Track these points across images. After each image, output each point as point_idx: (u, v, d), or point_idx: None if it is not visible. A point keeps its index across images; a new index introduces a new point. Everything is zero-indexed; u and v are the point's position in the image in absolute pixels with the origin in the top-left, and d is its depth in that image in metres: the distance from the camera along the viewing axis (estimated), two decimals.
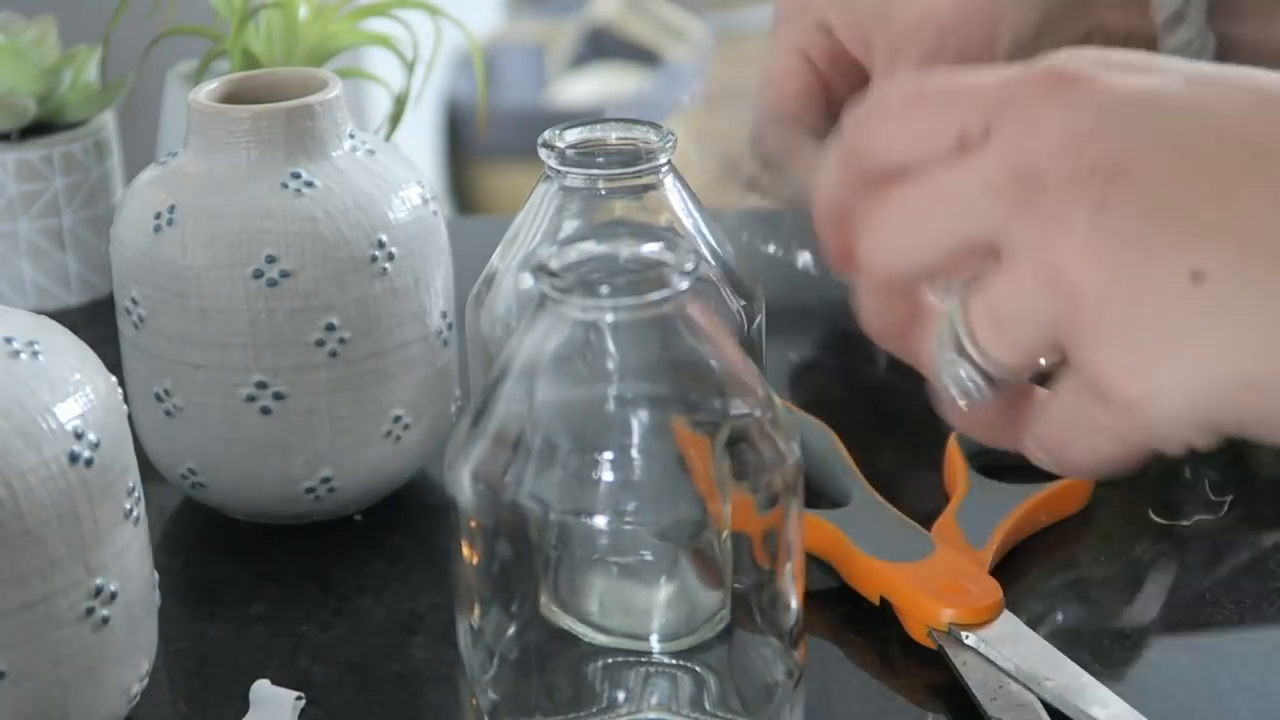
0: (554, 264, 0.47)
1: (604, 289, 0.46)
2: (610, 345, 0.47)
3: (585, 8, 3.00)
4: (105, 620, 0.52)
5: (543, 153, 0.57)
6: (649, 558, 0.49)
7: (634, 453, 0.47)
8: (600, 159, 0.57)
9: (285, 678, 0.57)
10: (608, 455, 0.47)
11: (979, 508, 0.63)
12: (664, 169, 0.58)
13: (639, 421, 0.47)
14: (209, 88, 0.67)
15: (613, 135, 0.58)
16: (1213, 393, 0.44)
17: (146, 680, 0.56)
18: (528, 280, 0.58)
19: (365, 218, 0.64)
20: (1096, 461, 0.47)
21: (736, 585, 0.49)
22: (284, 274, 0.64)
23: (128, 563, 0.53)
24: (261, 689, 0.56)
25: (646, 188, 0.58)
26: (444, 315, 0.67)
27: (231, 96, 0.67)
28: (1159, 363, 0.44)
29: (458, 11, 0.89)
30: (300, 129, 0.65)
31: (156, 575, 0.57)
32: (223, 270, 0.64)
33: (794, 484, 0.49)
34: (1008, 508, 0.63)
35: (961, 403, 0.47)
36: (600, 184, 0.57)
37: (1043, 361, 0.47)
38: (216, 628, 0.62)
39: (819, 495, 0.66)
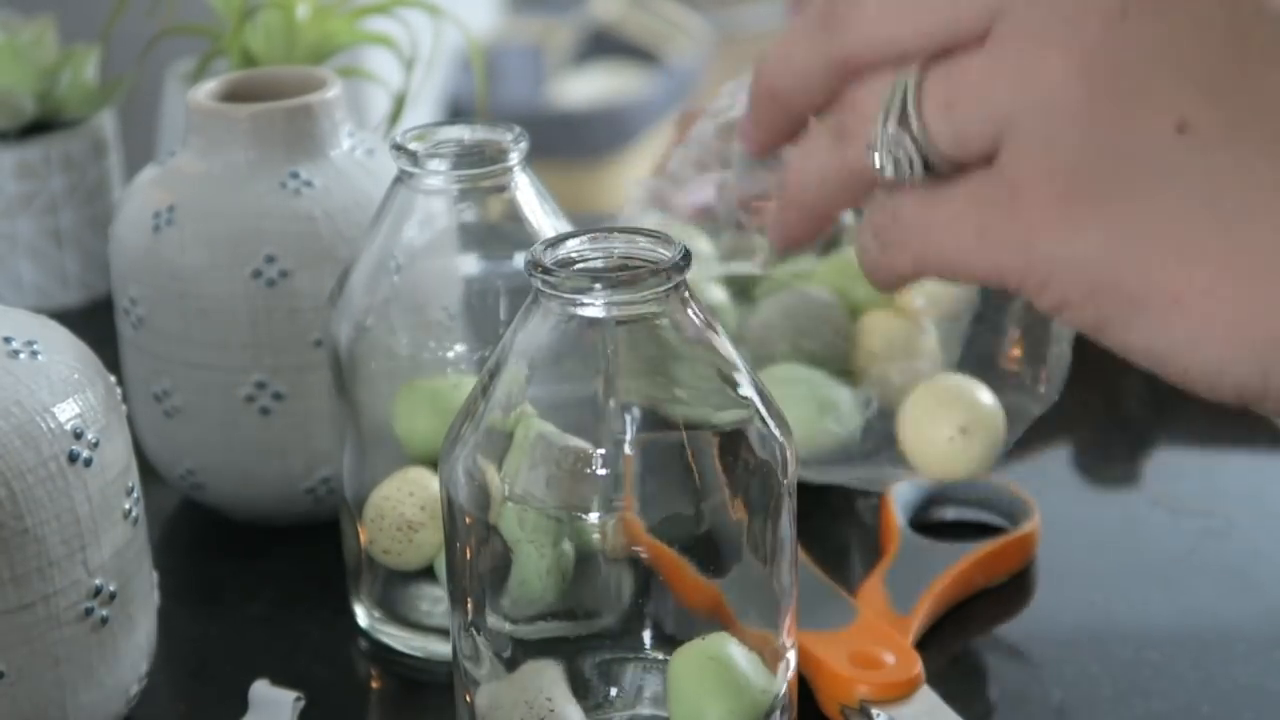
0: (547, 260, 0.47)
1: (597, 285, 0.46)
2: (603, 341, 0.47)
3: (585, 7, 3.00)
4: (104, 620, 0.52)
5: (393, 154, 0.57)
6: (643, 553, 0.49)
7: (627, 449, 0.47)
8: (452, 161, 0.57)
9: (285, 678, 0.57)
10: (601, 450, 0.47)
11: (909, 569, 0.60)
12: (516, 169, 0.57)
13: (632, 417, 0.48)
14: (208, 87, 0.67)
15: (465, 136, 0.58)
16: (1133, 255, 0.41)
17: (146, 680, 0.56)
18: (380, 281, 0.58)
19: (364, 217, 0.64)
20: (943, 263, 0.44)
21: (731, 582, 0.49)
22: (283, 274, 0.63)
23: (127, 563, 0.53)
24: (261, 689, 0.56)
25: (499, 188, 0.57)
26: (451, 310, 0.67)
27: (230, 96, 0.67)
28: (1102, 199, 0.41)
29: (458, 11, 0.89)
30: (299, 128, 0.65)
31: (156, 575, 0.57)
32: (222, 270, 0.64)
33: (789, 480, 0.49)
34: (938, 569, 0.60)
35: (889, 175, 0.44)
36: (453, 185, 0.57)
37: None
38: (216, 628, 0.62)
39: None
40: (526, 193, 0.58)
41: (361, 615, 0.61)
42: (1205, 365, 0.41)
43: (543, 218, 0.58)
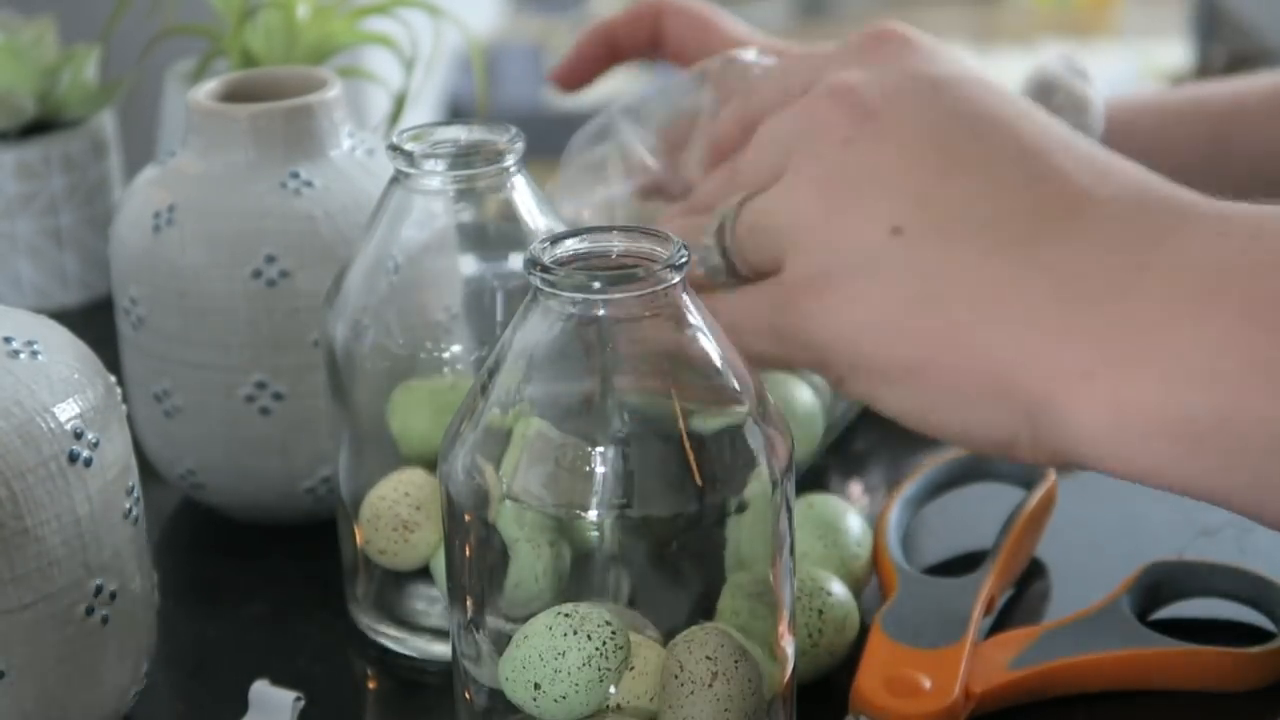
0: (546, 258, 0.47)
1: (595, 282, 0.46)
2: (602, 338, 0.47)
3: (585, 7, 3.00)
4: (105, 620, 0.52)
5: (389, 155, 0.57)
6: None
7: (626, 446, 0.47)
8: (448, 161, 0.56)
9: (285, 678, 0.57)
10: (600, 448, 0.47)
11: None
12: (512, 170, 0.57)
13: (630, 415, 0.48)
14: (208, 87, 0.67)
15: (462, 137, 0.58)
16: (866, 327, 0.51)
17: (146, 680, 0.56)
18: (377, 282, 0.58)
19: (364, 217, 0.64)
20: (752, 347, 0.54)
21: (730, 579, 0.49)
22: (283, 274, 0.63)
23: (127, 563, 0.53)
24: (261, 689, 0.56)
25: (496, 189, 0.57)
26: (448, 310, 0.67)
27: (230, 96, 0.67)
28: (842, 291, 0.51)
29: (458, 11, 0.89)
30: (299, 128, 0.65)
31: (156, 575, 0.57)
32: (222, 270, 0.64)
33: (785, 476, 0.49)
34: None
35: (703, 276, 0.56)
36: (449, 185, 0.57)
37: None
38: (216, 628, 0.62)
39: None
40: (523, 193, 0.58)
41: (358, 616, 0.61)
42: (944, 420, 0.51)
43: (539, 218, 0.58)
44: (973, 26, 3.30)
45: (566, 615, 0.47)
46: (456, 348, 0.59)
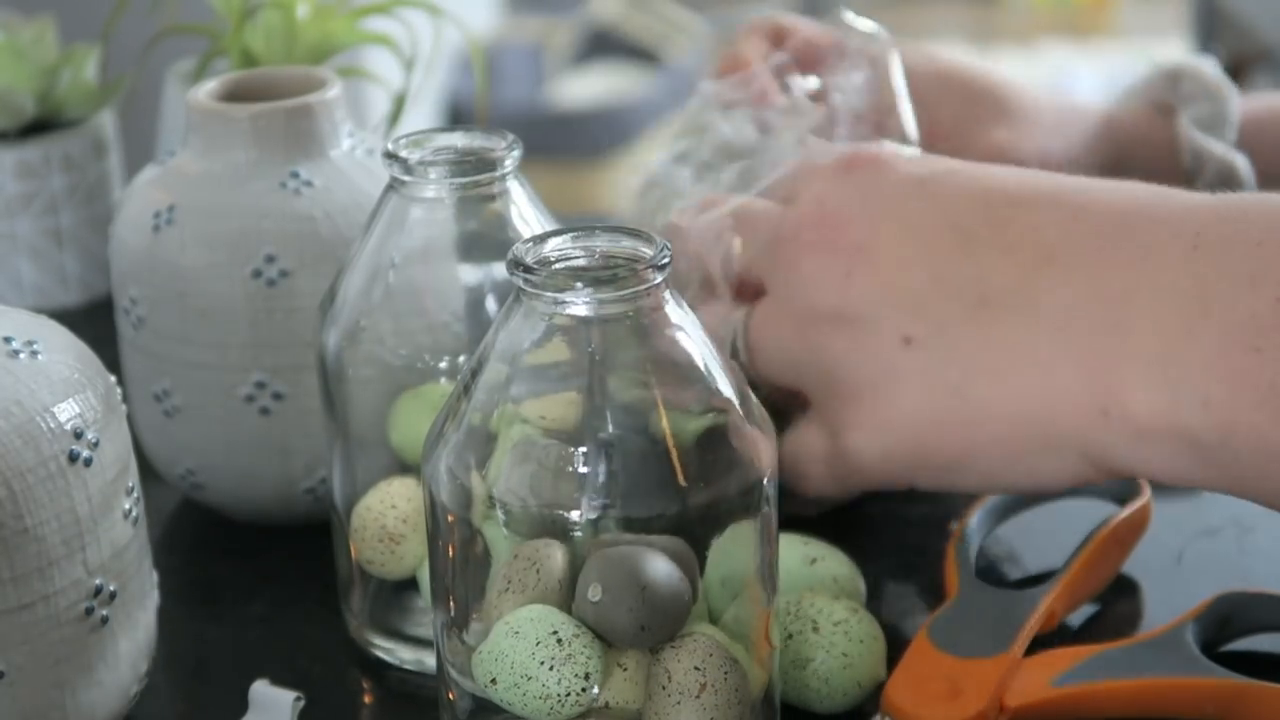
0: (529, 258, 0.47)
1: (579, 283, 0.46)
2: (585, 339, 0.47)
3: (585, 7, 3.00)
4: (104, 620, 0.52)
5: (385, 162, 0.57)
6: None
7: (609, 447, 0.47)
8: (444, 169, 0.56)
9: (285, 678, 0.57)
10: (583, 449, 0.47)
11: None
12: (509, 177, 0.57)
13: (614, 415, 0.47)
14: (208, 87, 0.67)
15: (458, 144, 0.57)
16: (908, 433, 0.55)
17: (146, 680, 0.56)
18: (372, 289, 0.58)
19: (364, 217, 0.64)
20: (816, 488, 0.59)
21: (713, 580, 0.49)
22: (283, 273, 0.63)
23: (127, 563, 0.53)
24: (261, 689, 0.56)
25: (492, 196, 0.57)
26: (444, 318, 0.67)
27: (230, 95, 0.67)
28: (871, 411, 0.55)
29: (458, 11, 0.89)
30: (299, 128, 0.65)
31: (156, 575, 0.57)
32: (222, 270, 0.64)
33: (769, 476, 0.49)
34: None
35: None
36: (445, 193, 0.57)
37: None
38: (216, 628, 0.62)
39: None
40: (519, 200, 0.58)
41: (354, 627, 0.61)
42: (1018, 482, 0.56)
43: (535, 225, 0.58)
44: (972, 26, 3.30)
45: (522, 618, 0.47)
46: (451, 357, 0.59)
